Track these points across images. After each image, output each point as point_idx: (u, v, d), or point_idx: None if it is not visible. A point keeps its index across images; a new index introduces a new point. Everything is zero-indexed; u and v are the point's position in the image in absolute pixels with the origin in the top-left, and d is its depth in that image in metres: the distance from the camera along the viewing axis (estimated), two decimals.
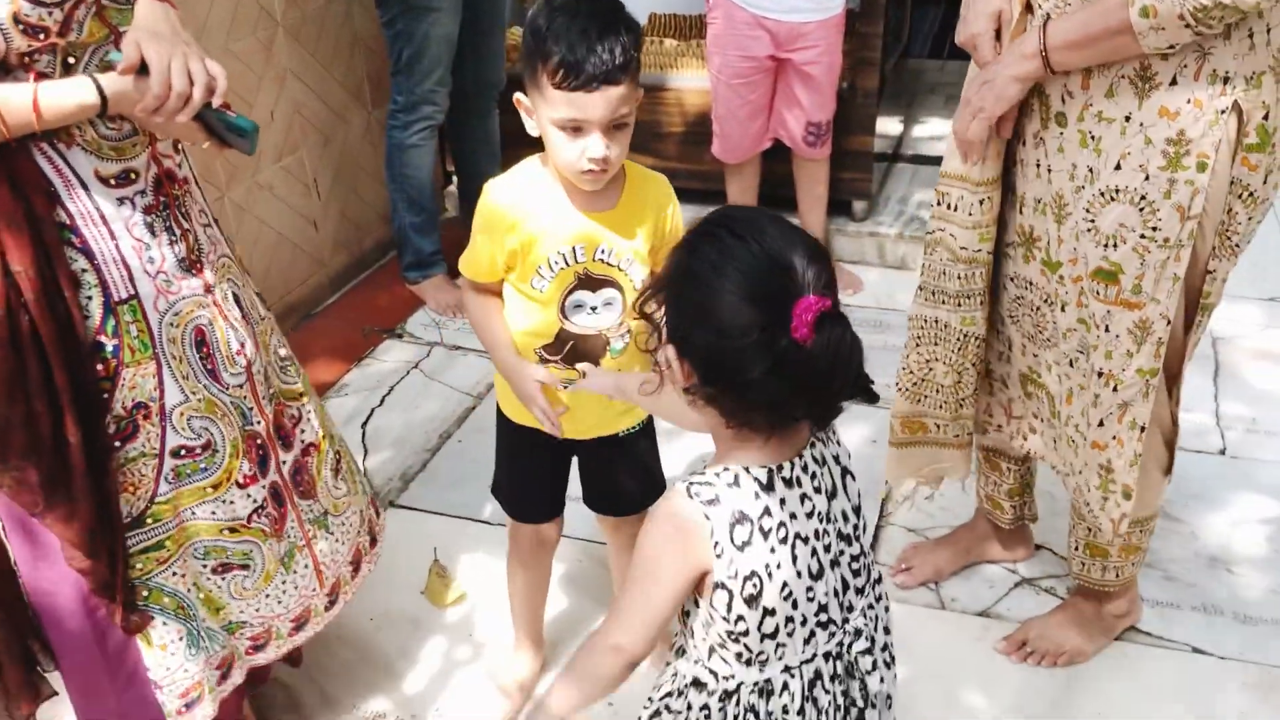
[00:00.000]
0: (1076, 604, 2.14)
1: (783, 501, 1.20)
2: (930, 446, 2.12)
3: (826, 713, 1.26)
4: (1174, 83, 1.57)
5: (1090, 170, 1.67)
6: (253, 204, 3.14)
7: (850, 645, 1.28)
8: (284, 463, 1.73)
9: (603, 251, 1.65)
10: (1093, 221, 1.68)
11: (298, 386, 1.79)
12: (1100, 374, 1.76)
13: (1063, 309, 1.81)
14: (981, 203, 1.82)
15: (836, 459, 1.28)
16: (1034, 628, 2.15)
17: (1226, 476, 2.57)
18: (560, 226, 1.64)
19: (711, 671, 1.25)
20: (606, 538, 2.07)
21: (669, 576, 1.20)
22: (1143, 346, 1.72)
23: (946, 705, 2.04)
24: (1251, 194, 1.66)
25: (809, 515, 1.22)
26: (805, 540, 1.21)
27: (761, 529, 1.18)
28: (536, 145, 1.64)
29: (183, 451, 1.58)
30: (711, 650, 1.24)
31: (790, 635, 1.22)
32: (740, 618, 1.19)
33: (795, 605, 1.21)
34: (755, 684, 1.24)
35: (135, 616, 1.59)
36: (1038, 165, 1.76)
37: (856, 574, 1.28)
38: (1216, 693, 2.04)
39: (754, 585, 1.18)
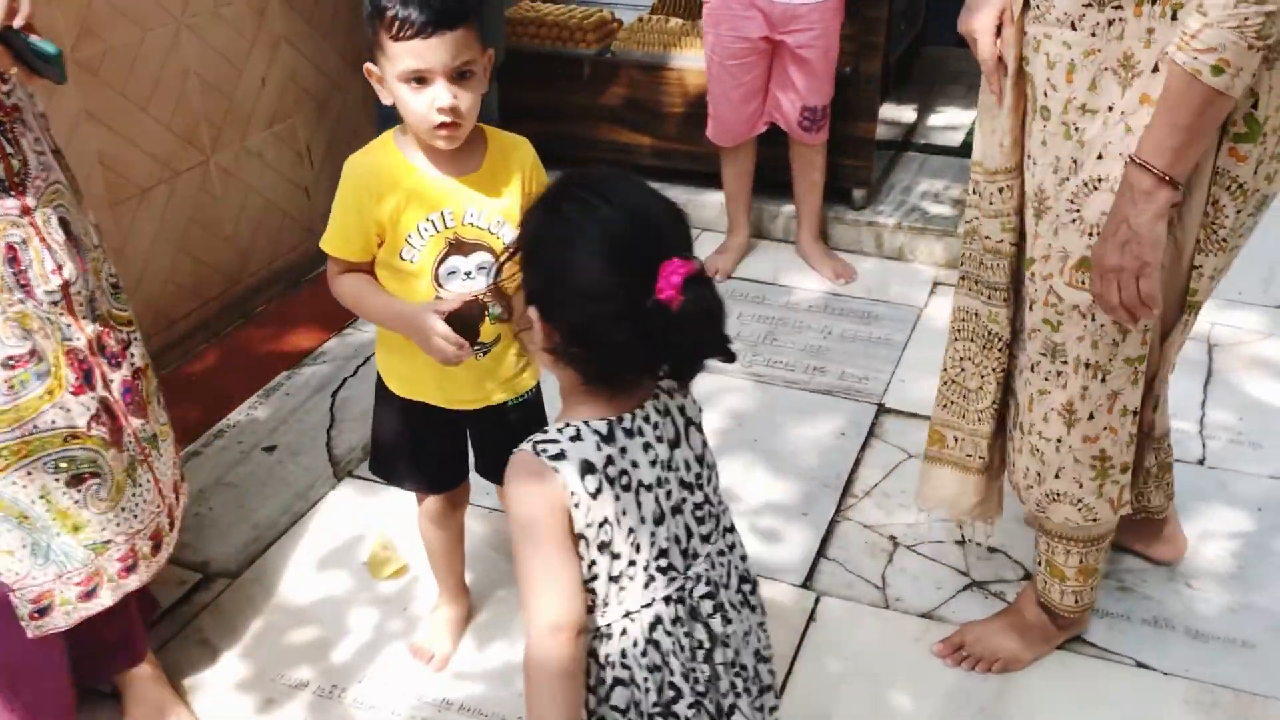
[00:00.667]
0: (1020, 609, 2.09)
1: (624, 450, 1.22)
2: (948, 466, 2.06)
3: (672, 653, 1.27)
4: (1155, 70, 1.53)
5: (1074, 161, 1.65)
6: (239, 169, 3.15)
7: (692, 590, 1.28)
8: (111, 380, 1.77)
9: (471, 215, 1.66)
10: (1077, 212, 1.66)
11: (127, 314, 1.84)
12: (1087, 365, 1.74)
13: (1030, 307, 1.79)
14: (1000, 191, 1.80)
15: (682, 409, 1.30)
16: (972, 631, 2.10)
17: (1201, 487, 2.48)
18: (426, 192, 1.65)
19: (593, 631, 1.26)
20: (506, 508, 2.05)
21: (551, 530, 1.20)
22: (1128, 335, 1.70)
23: (873, 705, 2.00)
24: (1240, 185, 1.61)
25: (651, 464, 1.24)
26: (648, 488, 1.24)
27: (607, 477, 1.21)
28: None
29: (12, 361, 1.62)
30: (589, 607, 1.25)
31: (631, 580, 1.24)
32: (594, 563, 1.22)
33: (638, 550, 1.23)
34: (593, 630, 1.25)
35: None
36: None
37: (701, 521, 1.30)
38: (1155, 708, 1.98)
39: (606, 532, 1.21)
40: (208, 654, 2.12)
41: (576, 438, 1.21)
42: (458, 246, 1.68)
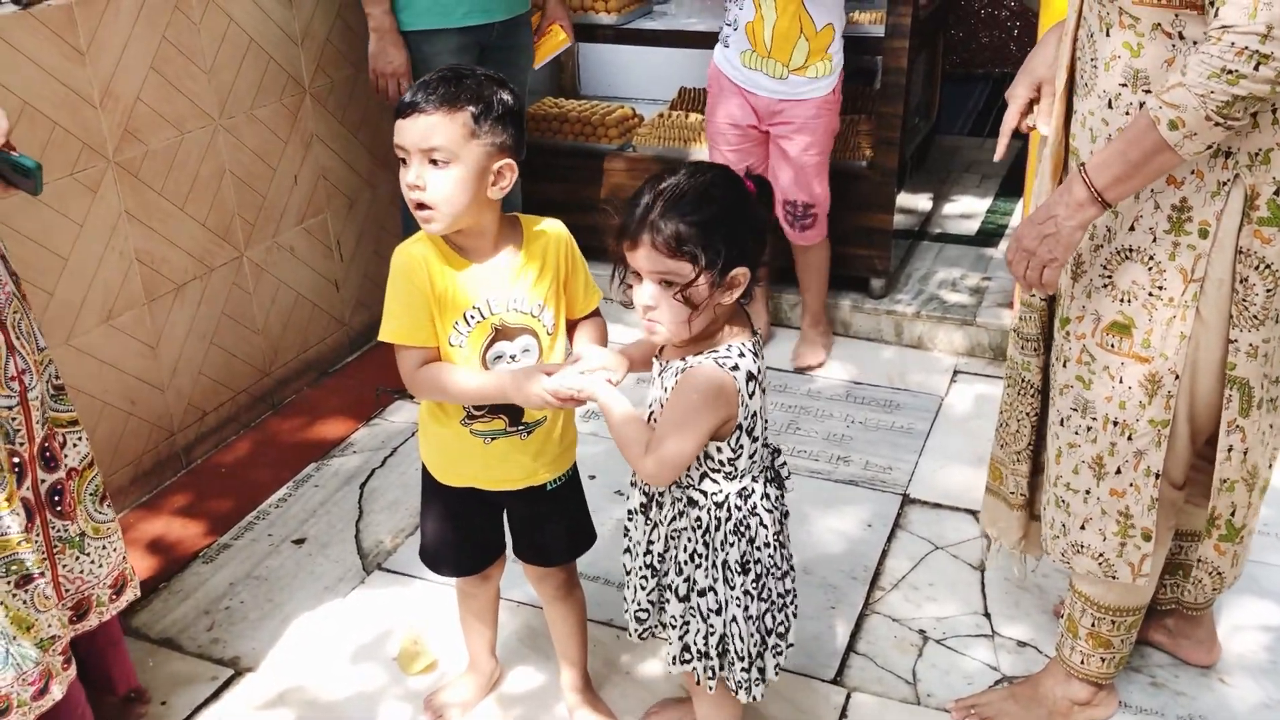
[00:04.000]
0: (1037, 680, 2.13)
1: (761, 368, 1.66)
2: (997, 498, 2.18)
3: (776, 508, 1.75)
4: None
5: (1109, 230, 1.75)
6: (271, 264, 3.22)
7: (774, 459, 1.77)
8: (42, 481, 1.83)
9: (514, 301, 1.75)
10: (1109, 278, 1.76)
11: (71, 414, 1.91)
12: (1115, 423, 1.81)
13: (1064, 364, 1.88)
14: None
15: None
16: (988, 695, 2.16)
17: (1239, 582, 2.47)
18: (469, 281, 1.74)
19: (701, 491, 1.69)
20: (534, 588, 2.10)
21: (705, 425, 1.60)
22: (1154, 399, 1.77)
23: None
24: (1268, 266, 1.69)
25: (766, 380, 1.70)
26: (765, 392, 1.70)
27: (759, 383, 1.65)
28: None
29: None
30: (703, 476, 1.68)
31: (759, 456, 1.70)
32: (741, 445, 1.65)
33: (765, 432, 1.71)
34: (738, 492, 1.69)
35: None
36: None
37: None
38: None
39: (753, 421, 1.65)
40: None
41: (741, 355, 1.62)
42: (503, 332, 1.76)
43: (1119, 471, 1.84)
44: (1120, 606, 1.97)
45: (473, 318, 1.74)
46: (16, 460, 1.77)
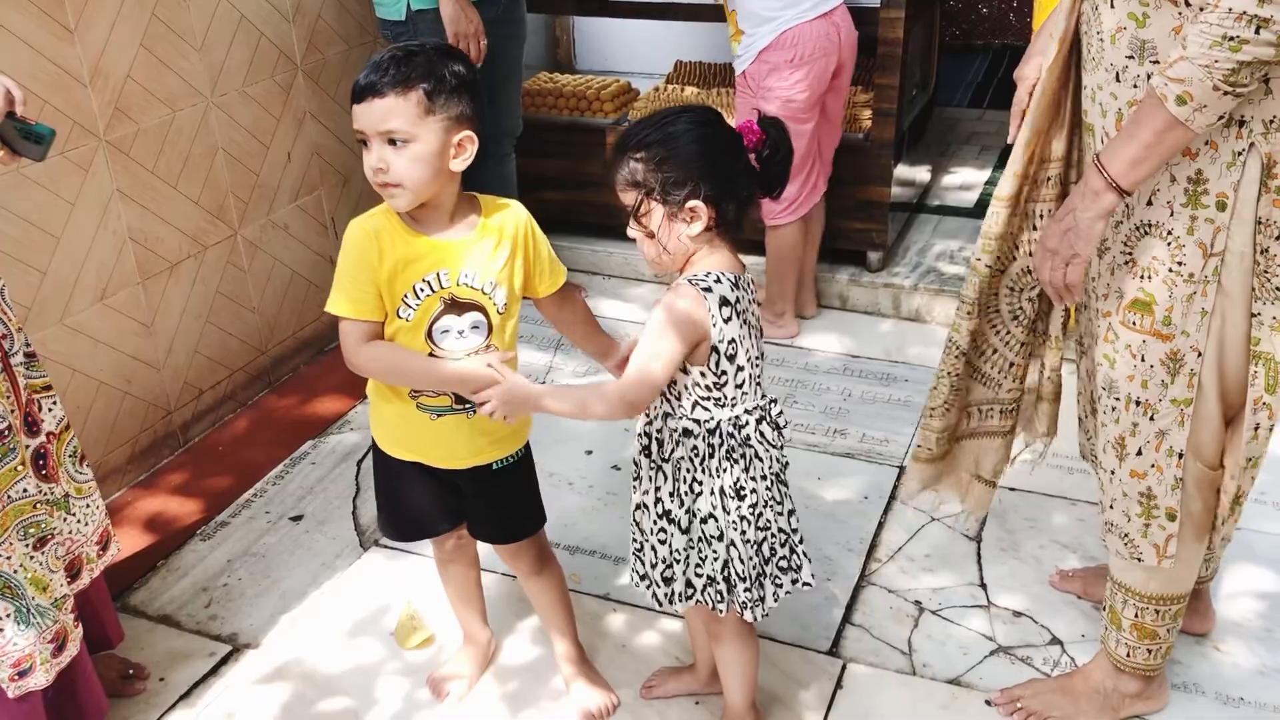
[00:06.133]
0: (1086, 672, 2.09)
1: (741, 296, 1.69)
2: (910, 459, 2.20)
3: (770, 443, 1.77)
4: None
5: (1128, 206, 1.72)
6: (266, 241, 3.22)
7: (770, 406, 1.79)
8: (28, 446, 1.85)
9: (466, 276, 1.76)
10: (1129, 254, 1.73)
11: (44, 379, 1.94)
12: (1138, 402, 1.78)
13: (1095, 343, 1.86)
14: (994, 214, 1.93)
15: (751, 287, 1.76)
16: (1033, 686, 2.11)
17: (1228, 549, 2.47)
18: (423, 254, 1.74)
19: (695, 420, 1.73)
20: (508, 565, 2.11)
21: (687, 333, 1.63)
22: (1176, 378, 1.74)
23: None
24: None
25: (752, 311, 1.73)
26: (751, 326, 1.73)
27: (736, 310, 1.67)
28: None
29: None
30: (695, 404, 1.72)
31: (749, 388, 1.73)
32: (724, 371, 1.69)
33: (753, 366, 1.73)
34: (730, 420, 1.72)
35: None
36: None
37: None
38: None
39: (732, 348, 1.68)
40: None
41: (718, 280, 1.67)
42: (452, 306, 1.76)
43: (1139, 453, 1.81)
44: (1163, 595, 1.92)
45: (423, 290, 1.73)
46: (6, 427, 1.79)
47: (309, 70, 3.27)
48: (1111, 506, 1.90)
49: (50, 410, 1.94)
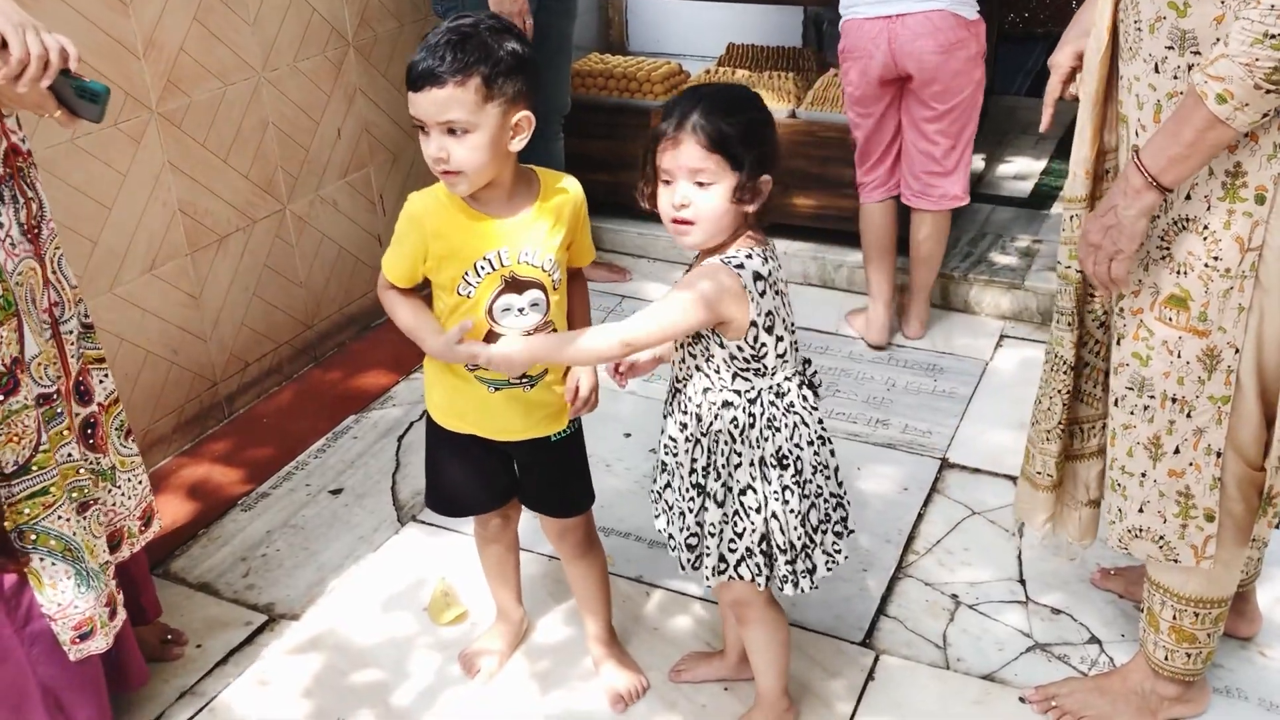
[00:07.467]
0: (1125, 672, 2.05)
1: (773, 271, 1.70)
2: (1026, 480, 2.11)
3: (810, 406, 1.77)
4: None
5: (1166, 200, 1.68)
6: (314, 217, 3.24)
7: (805, 368, 1.80)
8: (76, 414, 1.88)
9: (526, 254, 1.76)
10: (1167, 249, 1.70)
11: (99, 352, 1.96)
12: (1174, 399, 1.75)
13: (1119, 342, 1.81)
14: (1071, 219, 1.87)
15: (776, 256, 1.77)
16: (1069, 684, 2.07)
17: (1276, 551, 2.40)
18: (482, 232, 1.74)
19: (735, 391, 1.72)
20: (553, 546, 2.11)
21: (712, 306, 1.63)
22: (1213, 374, 1.71)
23: None
24: None
25: (783, 281, 1.74)
26: (783, 295, 1.73)
27: (770, 284, 1.68)
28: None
29: (43, 400, 1.74)
30: (735, 375, 1.72)
31: (789, 356, 1.74)
32: (764, 344, 1.69)
33: (790, 333, 1.74)
34: (770, 388, 1.73)
35: (9, 561, 1.76)
36: None
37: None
38: None
39: (770, 319, 1.69)
40: (268, 695, 2.15)
41: (749, 257, 1.66)
42: (512, 284, 1.76)
43: (1177, 451, 1.77)
44: (1202, 598, 1.88)
45: (483, 269, 1.74)
46: (58, 393, 1.81)
47: (360, 47, 3.29)
48: (1141, 511, 1.84)
49: (101, 383, 1.96)
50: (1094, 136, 1.80)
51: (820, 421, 1.79)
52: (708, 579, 1.83)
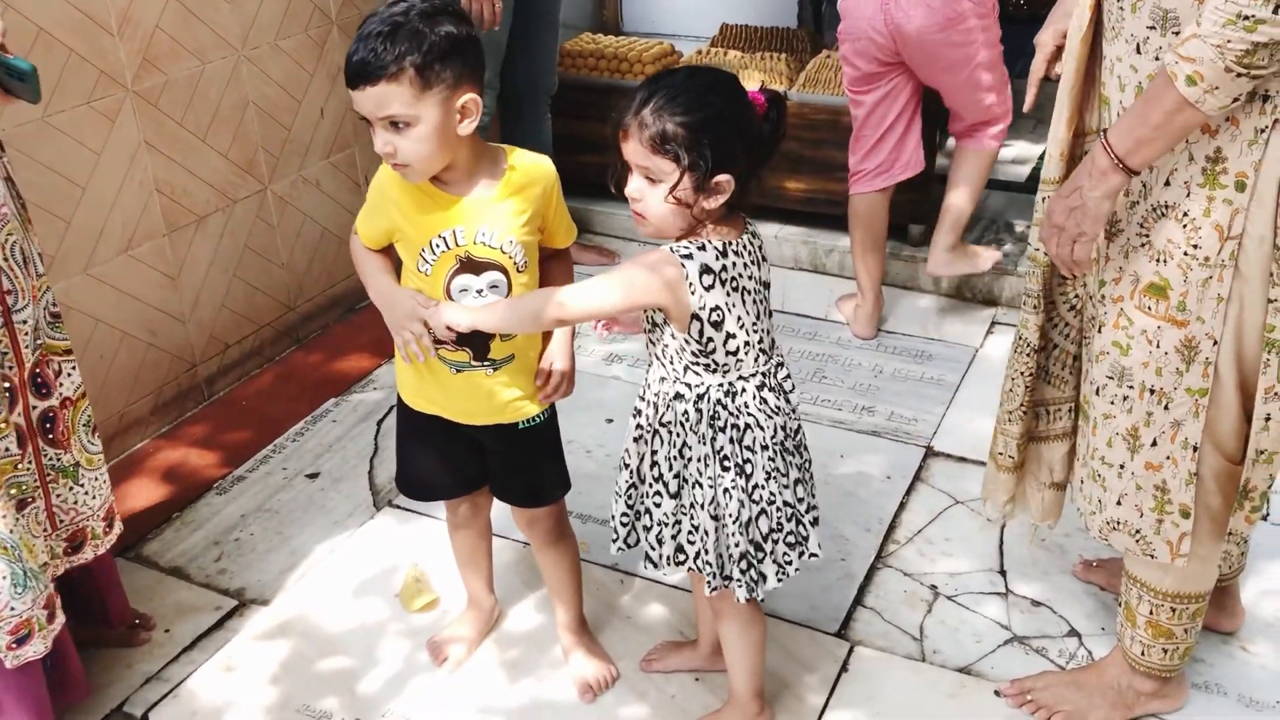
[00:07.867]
0: (1102, 667, 2.01)
1: (734, 263, 1.63)
2: (990, 460, 2.09)
3: (772, 410, 1.71)
4: None
5: (1144, 185, 1.64)
6: (296, 197, 3.20)
7: (774, 372, 1.74)
8: (34, 407, 1.83)
9: (483, 235, 1.72)
10: (1146, 237, 1.66)
11: (65, 343, 1.90)
12: (1152, 390, 1.71)
13: (1099, 329, 1.78)
14: (1043, 201, 1.84)
15: (760, 244, 1.71)
16: (1045, 678, 2.05)
17: (1263, 544, 2.37)
18: (439, 210, 1.72)
19: (686, 384, 1.69)
20: (523, 533, 2.08)
21: (637, 292, 1.61)
22: (1191, 366, 1.67)
23: None
24: None
25: (749, 276, 1.66)
26: (748, 292, 1.66)
27: (720, 279, 1.61)
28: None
29: None
30: (686, 368, 1.68)
31: (745, 355, 1.68)
32: (710, 339, 1.64)
33: (747, 333, 1.67)
34: (720, 386, 1.68)
35: None
36: None
37: (770, 331, 1.74)
38: None
39: (716, 315, 1.62)
40: (234, 681, 2.13)
41: (701, 249, 1.61)
42: (469, 265, 1.73)
43: (1155, 444, 1.73)
44: (1179, 593, 1.84)
45: (438, 246, 1.71)
46: (7, 385, 1.77)
47: (344, 25, 3.24)
48: (1119, 503, 1.80)
49: (69, 375, 1.91)
50: (1072, 118, 1.76)
51: (785, 427, 1.73)
52: (658, 565, 1.80)
